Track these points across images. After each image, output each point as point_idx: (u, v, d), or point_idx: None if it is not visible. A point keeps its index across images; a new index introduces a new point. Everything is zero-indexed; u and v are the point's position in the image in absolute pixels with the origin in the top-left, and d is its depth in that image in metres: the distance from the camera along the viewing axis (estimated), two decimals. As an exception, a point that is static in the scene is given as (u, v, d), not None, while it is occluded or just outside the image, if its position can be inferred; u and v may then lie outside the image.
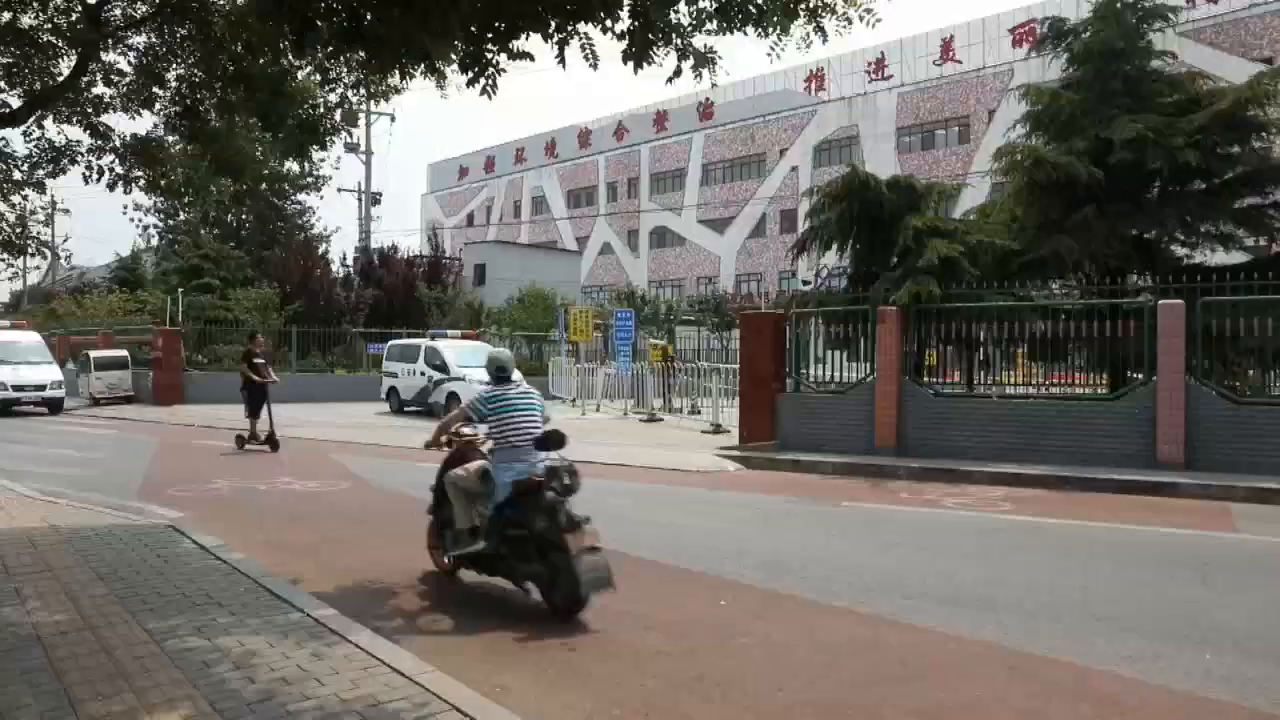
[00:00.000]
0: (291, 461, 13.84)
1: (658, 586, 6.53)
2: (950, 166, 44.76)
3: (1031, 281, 14.54)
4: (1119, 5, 15.26)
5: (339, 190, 44.34)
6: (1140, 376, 12.49)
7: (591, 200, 66.82)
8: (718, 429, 17.25)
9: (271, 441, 15.20)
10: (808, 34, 5.31)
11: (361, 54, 5.62)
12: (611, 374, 24.31)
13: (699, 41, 5.48)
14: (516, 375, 6.39)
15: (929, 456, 12.89)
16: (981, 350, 15.06)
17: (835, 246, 15.57)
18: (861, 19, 5.25)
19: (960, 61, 48.28)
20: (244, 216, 43.85)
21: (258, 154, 10.08)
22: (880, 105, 50.61)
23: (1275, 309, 11.68)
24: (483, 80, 5.05)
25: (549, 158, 69.64)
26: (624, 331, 23.34)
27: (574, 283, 48.69)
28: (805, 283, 31.68)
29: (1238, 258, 15.37)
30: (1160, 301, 11.94)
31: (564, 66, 4.91)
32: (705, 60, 5.37)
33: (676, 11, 5.00)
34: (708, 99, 57.97)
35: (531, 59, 5.14)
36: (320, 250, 39.48)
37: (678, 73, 5.32)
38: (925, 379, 14.52)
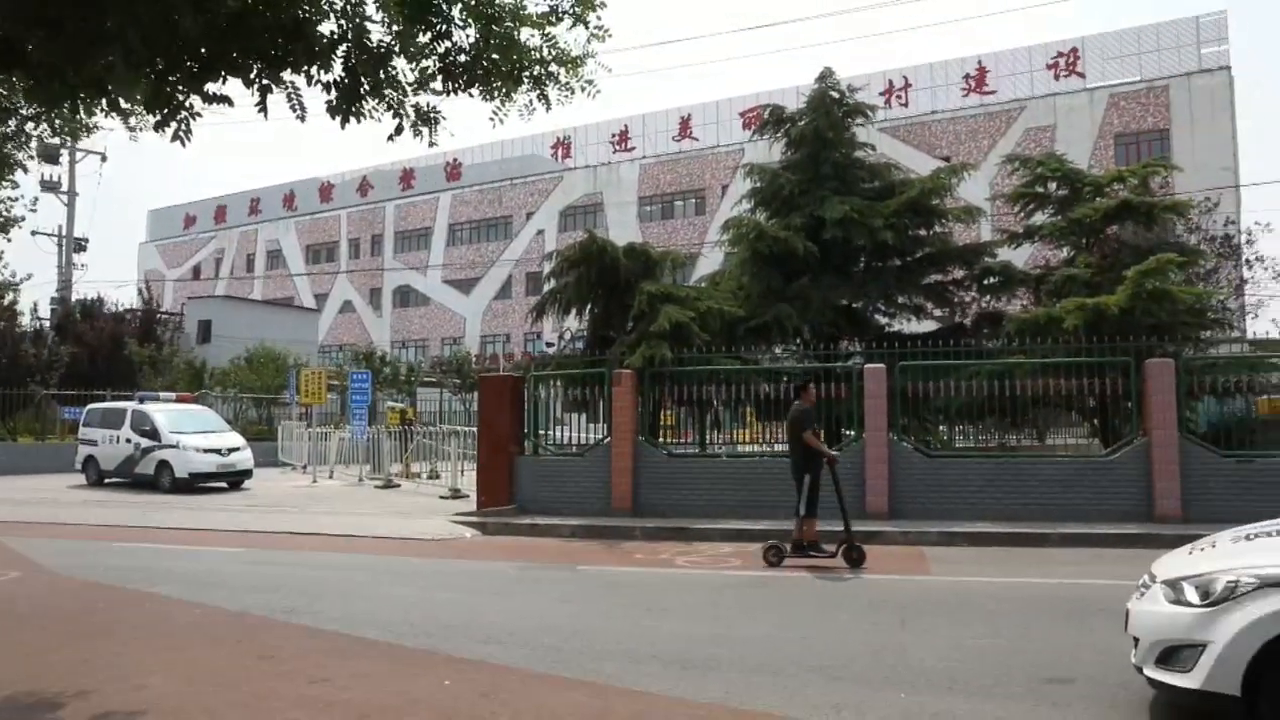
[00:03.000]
0: (-53, 548, 11.76)
1: (380, 668, 6.08)
2: (688, 236, 47.42)
3: (757, 346, 15.51)
4: (828, 100, 16.95)
5: (34, 234, 39.14)
6: (853, 434, 13.60)
7: (333, 256, 64.06)
8: (456, 494, 16.77)
9: (853, 550, 9.87)
10: (530, 100, 5.33)
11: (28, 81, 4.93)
12: (346, 438, 23.05)
13: (423, 100, 5.33)
14: None
15: (664, 516, 13.20)
16: (713, 411, 15.77)
17: (574, 310, 15.83)
18: (583, 89, 5.34)
19: (697, 139, 51.59)
20: (-95, 259, 37.71)
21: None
22: (623, 175, 52.87)
23: (956, 371, 13.21)
24: (174, 123, 4.57)
25: (287, 210, 66.12)
26: (360, 394, 22.23)
27: (311, 342, 46.08)
28: (549, 345, 31.97)
29: (929, 326, 17.34)
30: (866, 365, 13.13)
31: (265, 116, 4.57)
32: (427, 119, 5.22)
33: (393, 68, 4.82)
34: (455, 159, 57.88)
35: (229, 104, 4.73)
36: (6, 300, 34.63)
37: (399, 130, 5.12)
38: (661, 440, 14.96)
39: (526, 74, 5.29)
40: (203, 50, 4.24)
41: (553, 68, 5.36)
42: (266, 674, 5.99)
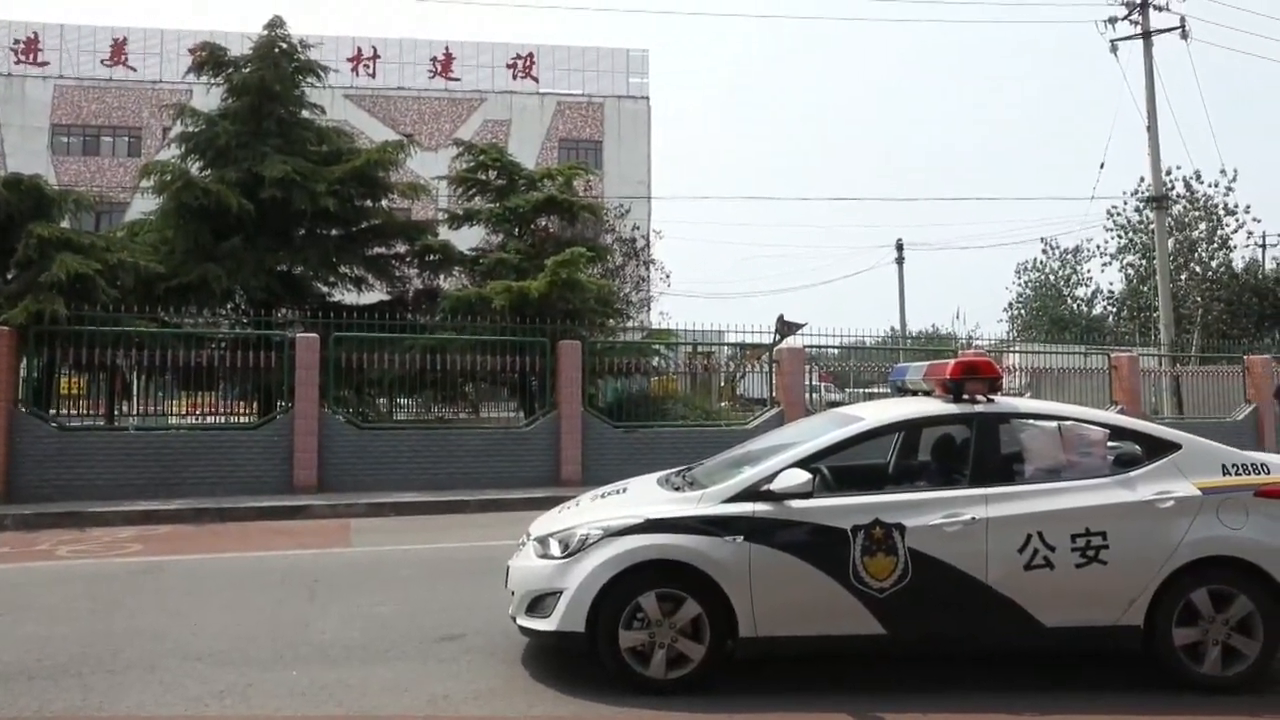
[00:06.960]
0: None
1: None
2: (118, 178, 41.27)
3: (184, 308, 14.06)
4: (277, 51, 15.93)
5: None
6: (282, 405, 13.02)
7: None
8: None
9: None
10: None
11: None
12: None
13: None
14: None
15: (53, 500, 11.31)
16: (128, 379, 13.95)
17: (-66, 250, 12.73)
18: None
19: (134, 69, 45.03)
20: None
21: None
22: (30, 93, 43.98)
23: (392, 344, 13.42)
24: None
25: None
26: None
27: None
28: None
29: (378, 298, 17.30)
30: (297, 335, 12.65)
31: None
32: None
33: None
34: None
35: None
36: None
37: None
38: (58, 411, 12.81)
39: None
40: None
41: None
42: None
